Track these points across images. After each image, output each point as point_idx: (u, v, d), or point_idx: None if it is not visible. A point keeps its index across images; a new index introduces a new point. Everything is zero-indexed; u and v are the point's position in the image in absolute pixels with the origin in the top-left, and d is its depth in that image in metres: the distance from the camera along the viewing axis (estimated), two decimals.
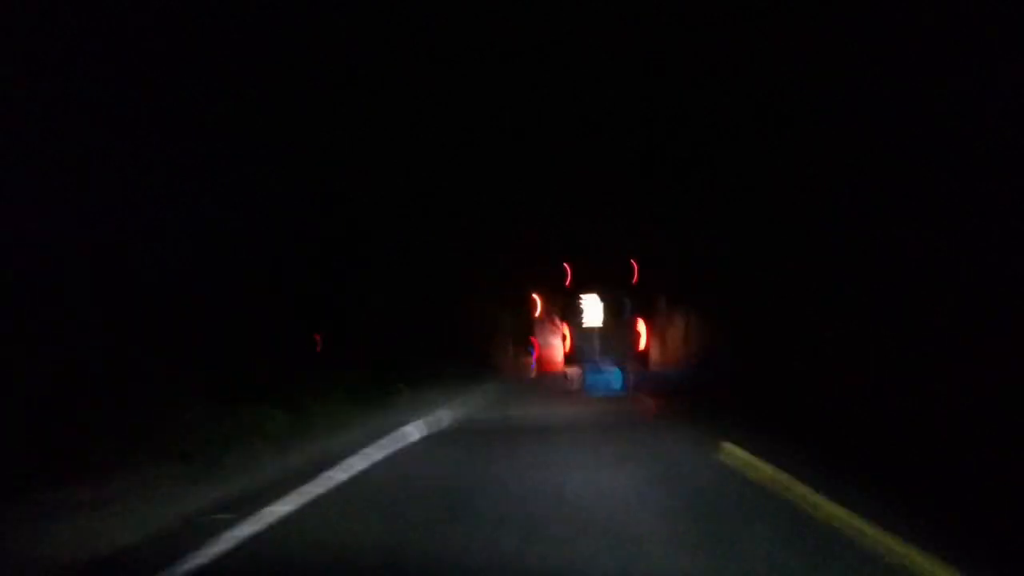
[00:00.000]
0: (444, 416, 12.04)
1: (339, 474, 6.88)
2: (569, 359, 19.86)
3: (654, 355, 20.41)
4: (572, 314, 19.82)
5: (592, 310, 19.57)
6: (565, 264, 20.12)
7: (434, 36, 22.30)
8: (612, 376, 18.96)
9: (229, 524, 4.84)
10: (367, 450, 8.19)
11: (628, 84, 24.31)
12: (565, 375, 21.18)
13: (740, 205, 21.79)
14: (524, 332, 40.20)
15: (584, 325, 19.54)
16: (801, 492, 5.45)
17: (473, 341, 30.59)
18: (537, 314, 33.73)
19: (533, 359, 34.65)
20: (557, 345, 31.87)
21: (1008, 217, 9.26)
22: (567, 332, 19.63)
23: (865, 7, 13.48)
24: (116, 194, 9.45)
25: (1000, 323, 8.46)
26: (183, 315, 10.06)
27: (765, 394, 12.91)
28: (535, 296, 33.99)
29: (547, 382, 20.86)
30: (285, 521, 5.11)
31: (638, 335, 19.11)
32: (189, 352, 9.91)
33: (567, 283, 19.95)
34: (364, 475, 7.02)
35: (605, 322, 19.35)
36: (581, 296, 19.68)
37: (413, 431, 10.10)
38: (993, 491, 4.94)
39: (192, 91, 11.21)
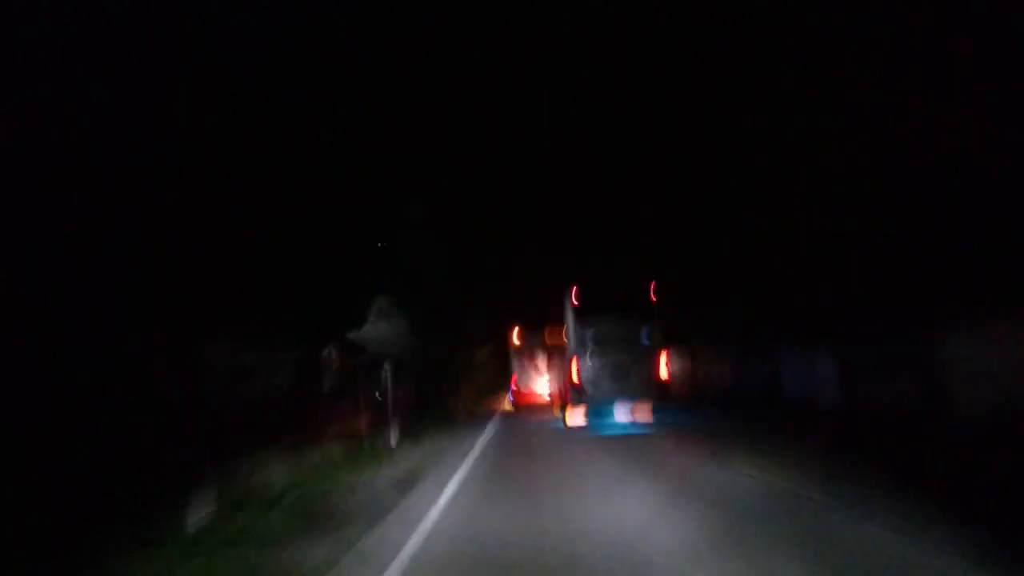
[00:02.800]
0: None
1: None
2: (575, 395, 17.50)
3: (674, 389, 18.33)
4: (579, 343, 17.54)
5: (606, 337, 17.36)
6: (574, 287, 17.81)
7: (433, 50, 20.62)
8: (627, 412, 16.80)
9: None
10: None
11: (644, 94, 22.99)
12: (563, 414, 18.93)
13: (764, 226, 20.42)
14: (503, 369, 38.06)
15: (594, 355, 17.29)
16: None
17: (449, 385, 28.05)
18: (516, 346, 31.49)
19: (511, 396, 32.22)
20: (539, 380, 29.73)
21: None
22: (574, 365, 17.32)
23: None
24: None
25: None
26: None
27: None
28: (516, 328, 31.80)
29: (533, 425, 18.25)
30: None
31: (658, 365, 17.01)
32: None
33: (576, 306, 17.62)
34: None
35: (620, 350, 17.16)
36: (592, 321, 17.44)
37: None
38: None
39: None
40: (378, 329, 17.51)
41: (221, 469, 7.92)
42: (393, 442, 15.16)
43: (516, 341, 30.98)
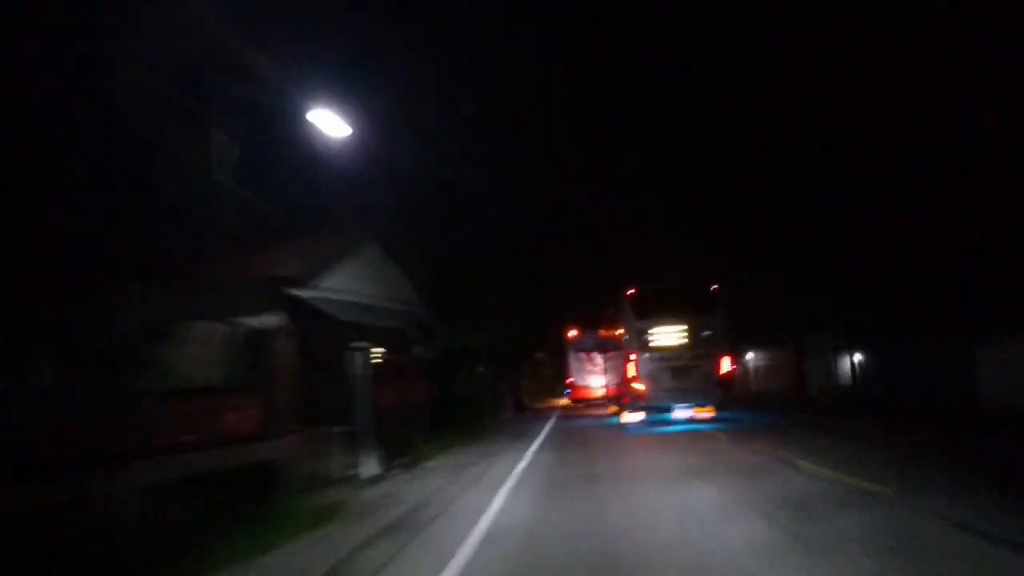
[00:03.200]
0: None
1: None
2: (632, 396, 17.32)
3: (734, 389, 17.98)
4: (637, 342, 17.34)
5: (669, 338, 17.15)
6: (632, 285, 17.63)
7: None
8: (687, 413, 16.59)
9: None
10: None
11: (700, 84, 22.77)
12: (619, 412, 18.77)
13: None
14: (557, 371, 38.09)
15: (652, 356, 17.08)
16: None
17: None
18: (570, 344, 31.35)
19: (570, 398, 32.21)
20: (596, 378, 29.56)
21: None
22: (634, 365, 17.15)
23: None
24: None
25: None
26: None
27: None
28: (573, 328, 31.68)
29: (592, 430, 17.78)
30: None
31: (719, 367, 16.73)
32: None
33: (631, 303, 17.43)
34: None
35: (680, 352, 16.92)
36: (651, 321, 17.23)
37: None
38: None
39: None
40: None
41: None
42: (364, 472, 9.88)
43: (572, 340, 30.97)
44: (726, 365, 16.95)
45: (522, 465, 11.03)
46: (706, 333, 16.98)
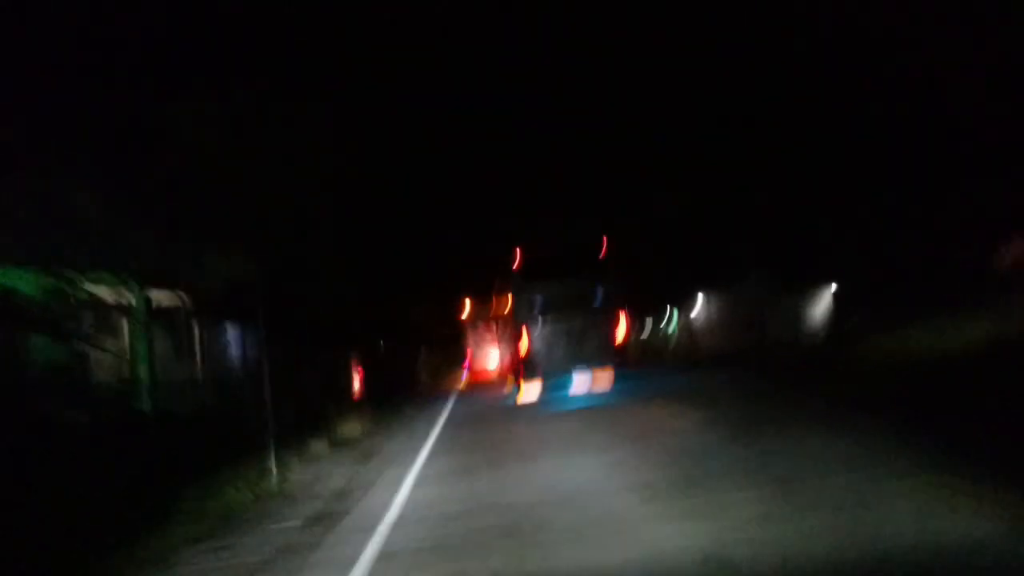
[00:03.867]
0: None
1: None
2: (527, 366, 15.85)
3: (632, 351, 16.84)
4: (527, 310, 15.88)
5: (555, 302, 15.74)
6: (516, 249, 16.08)
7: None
8: (585, 380, 15.27)
9: None
10: None
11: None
12: (515, 387, 17.32)
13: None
14: (455, 341, 36.21)
15: (544, 322, 15.66)
16: None
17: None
18: (465, 318, 29.71)
19: (464, 369, 30.51)
20: (491, 351, 28.05)
21: None
22: (524, 334, 15.67)
23: None
24: None
25: None
26: None
27: None
28: (466, 300, 30.02)
29: (488, 401, 16.39)
30: None
31: (614, 328, 15.46)
32: None
33: (516, 269, 15.92)
34: None
35: (572, 315, 15.55)
36: (539, 286, 15.78)
37: None
38: None
39: None
40: None
41: None
42: None
43: (467, 315, 29.33)
44: (622, 325, 15.69)
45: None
46: (598, 293, 15.68)
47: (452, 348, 39.39)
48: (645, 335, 27.53)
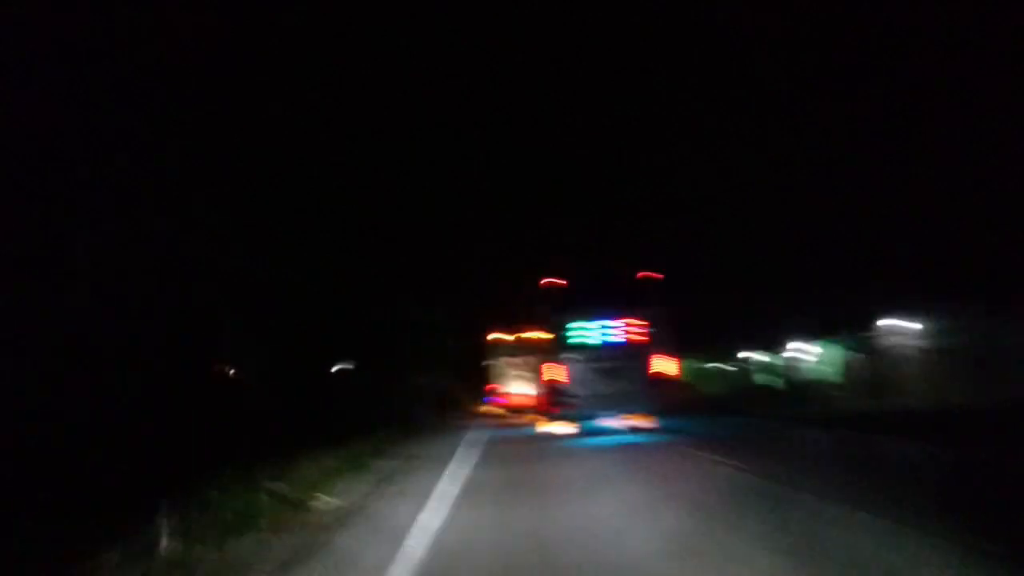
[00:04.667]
0: None
1: None
2: (562, 405, 15.17)
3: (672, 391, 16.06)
4: (564, 348, 15.27)
5: (594, 336, 15.15)
6: (554, 282, 15.53)
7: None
8: (621, 419, 14.65)
9: None
10: None
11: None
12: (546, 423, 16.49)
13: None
14: (479, 373, 35.33)
15: (582, 359, 15.04)
16: None
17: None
18: (494, 349, 28.82)
19: (497, 403, 29.52)
20: (521, 385, 27.17)
21: None
22: (558, 371, 15.06)
23: None
24: None
25: None
26: None
27: None
28: (495, 335, 29.17)
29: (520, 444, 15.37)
30: None
31: (658, 365, 14.83)
32: None
33: (554, 302, 15.36)
34: None
35: (614, 354, 14.94)
36: (576, 323, 15.20)
37: None
38: None
39: None
40: None
41: None
42: None
43: (493, 344, 28.62)
44: (662, 364, 15.00)
45: None
46: (638, 328, 15.04)
47: (475, 379, 38.63)
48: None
